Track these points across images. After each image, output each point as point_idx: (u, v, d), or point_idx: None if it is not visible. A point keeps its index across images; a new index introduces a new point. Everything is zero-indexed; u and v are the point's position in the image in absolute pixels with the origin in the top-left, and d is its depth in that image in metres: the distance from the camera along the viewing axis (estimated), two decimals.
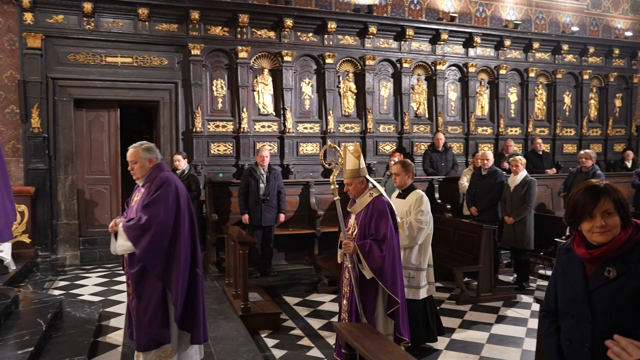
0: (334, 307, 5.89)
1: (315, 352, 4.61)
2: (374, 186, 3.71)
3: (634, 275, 1.85)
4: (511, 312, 5.71)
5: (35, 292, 5.77)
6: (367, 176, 3.74)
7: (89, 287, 6.62)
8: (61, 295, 5.72)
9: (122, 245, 3.46)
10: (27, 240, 7.03)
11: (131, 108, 9.68)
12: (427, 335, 4.63)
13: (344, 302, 3.72)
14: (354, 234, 3.65)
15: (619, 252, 1.88)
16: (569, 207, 1.98)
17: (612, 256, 1.89)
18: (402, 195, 4.64)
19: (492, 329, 5.20)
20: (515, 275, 6.95)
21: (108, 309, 5.66)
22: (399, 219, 3.71)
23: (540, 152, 9.91)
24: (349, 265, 3.56)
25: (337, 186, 3.73)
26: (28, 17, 7.58)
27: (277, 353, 4.56)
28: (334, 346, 4.12)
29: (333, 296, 6.31)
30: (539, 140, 10.04)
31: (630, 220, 1.92)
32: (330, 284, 6.61)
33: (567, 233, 6.01)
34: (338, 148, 3.89)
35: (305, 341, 4.86)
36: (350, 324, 3.36)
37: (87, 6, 7.70)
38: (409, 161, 4.77)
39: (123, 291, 6.40)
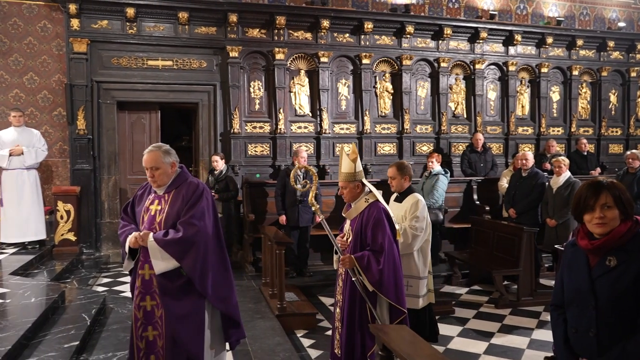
0: None
1: None
2: (370, 191, 3.55)
3: (633, 263, 2.00)
4: None
5: (80, 288, 5.97)
6: (364, 180, 3.58)
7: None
8: (104, 292, 5.91)
9: (163, 264, 3.02)
10: (73, 238, 7.27)
11: (171, 110, 9.90)
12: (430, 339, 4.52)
13: (337, 310, 3.62)
14: (349, 240, 3.53)
15: (619, 242, 2.04)
16: (574, 201, 2.16)
17: (613, 247, 2.05)
18: (399, 198, 4.48)
19: (533, 334, 5.06)
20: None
21: None
22: (397, 226, 3.55)
23: (585, 153, 9.58)
24: (343, 274, 3.50)
25: (318, 206, 3.77)
26: (75, 23, 7.86)
27: (313, 353, 4.57)
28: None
29: None
30: (584, 141, 9.71)
31: (631, 215, 2.07)
32: None
33: None
34: (311, 169, 3.92)
35: None
36: (387, 325, 3.32)
37: (130, 11, 7.93)
38: (406, 163, 4.62)
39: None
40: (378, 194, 3.55)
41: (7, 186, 6.81)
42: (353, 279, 3.37)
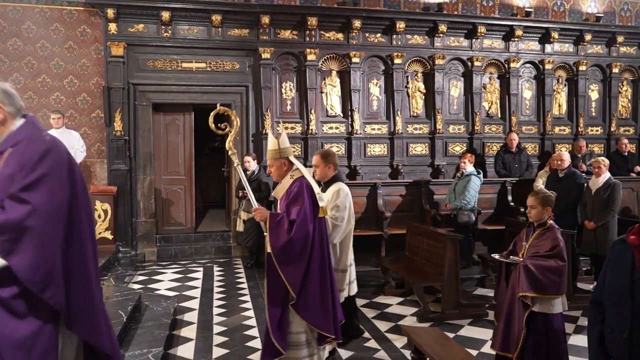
0: (402, 310, 5.83)
1: (382, 354, 4.57)
2: (297, 168, 3.42)
3: None
4: None
5: (117, 285, 6.13)
6: (291, 157, 3.45)
7: (165, 282, 6.95)
8: (140, 289, 6.03)
9: None
10: (110, 237, 7.48)
11: (204, 111, 10.04)
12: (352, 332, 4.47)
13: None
14: None
15: None
16: None
17: None
18: (324, 188, 4.29)
19: (571, 340, 4.92)
20: (595, 284, 6.54)
21: (182, 304, 5.91)
22: (321, 203, 3.31)
23: (625, 153, 9.26)
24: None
25: (235, 150, 3.63)
26: (112, 27, 8.08)
27: (344, 354, 4.56)
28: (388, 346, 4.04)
29: (400, 299, 6.24)
30: (625, 141, 9.38)
31: None
32: (397, 287, 6.54)
33: None
34: (232, 112, 3.75)
35: (372, 343, 4.84)
36: (419, 327, 3.30)
37: (165, 15, 8.10)
38: (331, 151, 4.47)
39: (196, 287, 6.67)
40: (305, 171, 3.40)
41: None
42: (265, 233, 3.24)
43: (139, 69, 8.28)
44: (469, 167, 7.14)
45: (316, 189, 3.34)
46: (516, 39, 9.59)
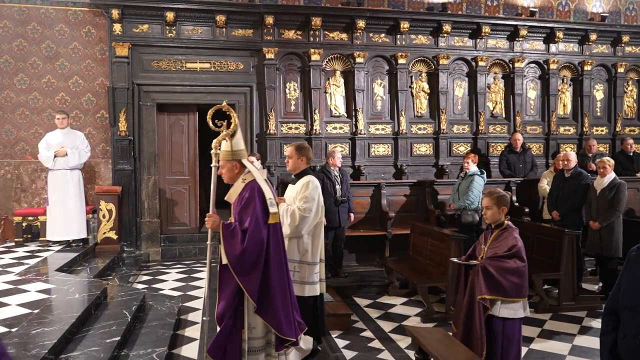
0: (405, 310, 5.82)
1: (386, 355, 4.57)
2: (249, 171, 3.31)
3: None
4: (596, 324, 5.35)
5: (121, 285, 6.15)
6: (244, 160, 3.34)
7: (169, 282, 6.97)
8: (144, 289, 6.05)
9: None
10: (114, 237, 7.50)
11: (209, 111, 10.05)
12: (315, 332, 4.25)
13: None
14: None
15: None
16: None
17: None
18: (294, 180, 4.31)
19: (575, 340, 4.91)
20: (600, 284, 6.52)
21: (187, 304, 5.92)
22: (272, 209, 3.22)
23: (631, 153, 9.19)
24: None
25: (218, 151, 3.38)
26: (117, 27, 8.11)
27: (348, 354, 4.56)
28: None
29: (404, 299, 6.23)
30: (630, 141, 9.30)
31: None
32: (401, 287, 6.54)
33: None
34: (232, 111, 3.50)
35: (376, 343, 4.84)
36: (423, 328, 3.29)
37: (170, 15, 8.11)
38: (307, 145, 4.40)
39: (200, 287, 6.68)
40: (257, 174, 3.30)
41: (52, 186, 7.07)
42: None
43: (144, 69, 8.30)
44: (472, 167, 7.12)
45: (268, 194, 3.24)
46: (521, 39, 9.57)
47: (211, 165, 3.38)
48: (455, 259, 3.86)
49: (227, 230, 3.13)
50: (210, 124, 3.48)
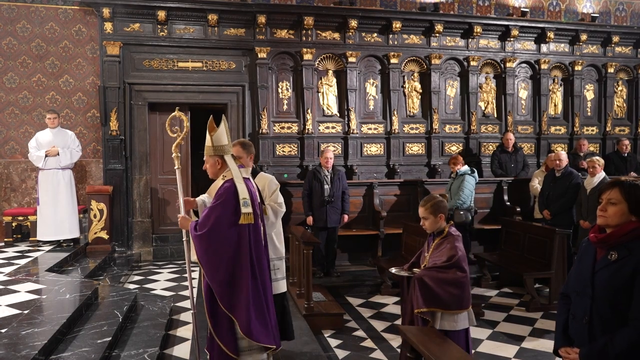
0: (398, 310, 5.82)
1: (378, 354, 4.58)
2: (229, 169, 3.24)
3: (631, 260, 2.12)
4: None
5: (113, 285, 6.11)
6: (226, 157, 3.28)
7: (161, 282, 6.94)
8: (136, 289, 6.03)
9: None
10: (106, 237, 7.46)
11: (201, 111, 10.02)
12: (285, 333, 4.17)
13: None
14: None
15: (622, 240, 2.16)
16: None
17: (617, 242, 2.18)
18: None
19: None
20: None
21: (178, 304, 5.90)
22: (244, 209, 3.15)
23: (625, 154, 9.22)
24: None
25: (179, 154, 3.65)
26: (108, 26, 8.06)
27: (340, 353, 4.57)
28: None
29: (396, 298, 6.24)
30: (626, 142, 9.30)
31: None
32: (393, 286, 6.55)
33: None
34: (184, 116, 3.71)
35: (369, 343, 4.84)
36: (416, 327, 3.29)
37: (161, 14, 8.07)
38: (249, 142, 4.28)
39: (193, 287, 6.64)
40: (236, 174, 3.21)
41: (43, 186, 7.02)
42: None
43: (135, 68, 8.26)
44: (461, 167, 7.13)
45: (243, 194, 3.15)
46: (512, 39, 9.62)
47: (175, 168, 3.58)
48: (394, 270, 3.61)
49: (193, 229, 3.19)
50: (168, 130, 3.71)
